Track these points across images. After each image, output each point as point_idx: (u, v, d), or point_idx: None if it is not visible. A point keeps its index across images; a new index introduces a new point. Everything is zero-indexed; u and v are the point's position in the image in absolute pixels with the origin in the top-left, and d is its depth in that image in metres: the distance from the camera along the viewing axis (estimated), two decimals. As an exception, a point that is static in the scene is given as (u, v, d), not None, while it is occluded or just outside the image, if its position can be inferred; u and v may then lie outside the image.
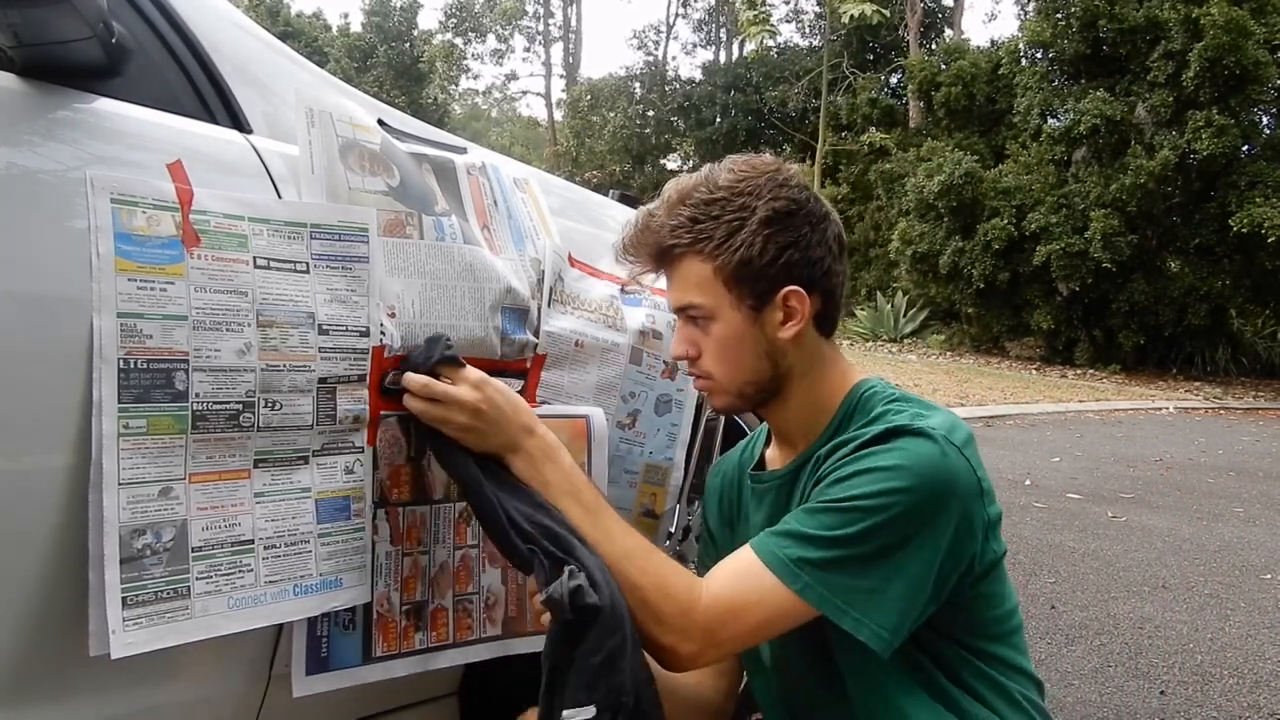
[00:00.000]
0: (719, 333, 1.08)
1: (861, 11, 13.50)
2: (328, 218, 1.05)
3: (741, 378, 1.10)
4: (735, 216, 1.05)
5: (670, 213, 1.08)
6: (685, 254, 1.07)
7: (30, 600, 0.88)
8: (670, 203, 1.09)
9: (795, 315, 1.08)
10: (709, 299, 1.07)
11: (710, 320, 1.08)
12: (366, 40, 31.95)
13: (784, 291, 1.07)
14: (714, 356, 1.10)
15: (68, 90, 0.95)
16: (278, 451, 1.00)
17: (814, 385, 1.12)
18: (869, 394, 1.10)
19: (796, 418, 1.13)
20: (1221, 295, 12.24)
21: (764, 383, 1.10)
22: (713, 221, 1.06)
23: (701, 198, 1.07)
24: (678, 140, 26.31)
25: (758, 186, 1.06)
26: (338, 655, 1.09)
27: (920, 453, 0.97)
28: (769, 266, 1.05)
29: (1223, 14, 11.07)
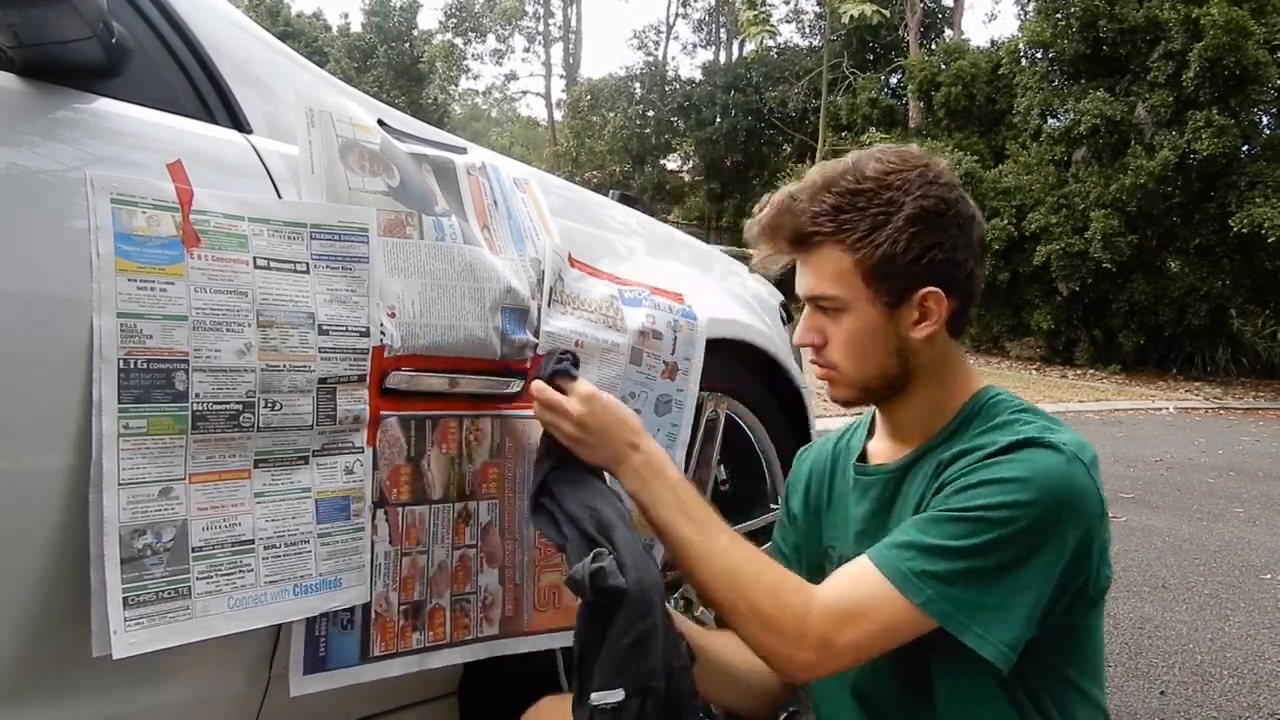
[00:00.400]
0: (850, 326, 1.05)
1: (861, 12, 13.49)
2: (328, 218, 1.05)
3: (868, 373, 1.07)
4: (881, 210, 1.02)
5: (813, 198, 1.04)
6: (825, 242, 1.04)
7: (31, 601, 0.88)
8: (814, 188, 1.05)
9: (931, 316, 1.05)
10: (845, 291, 1.04)
11: (842, 312, 1.05)
12: (366, 40, 31.95)
13: (923, 292, 1.03)
14: (842, 349, 1.07)
15: (68, 90, 0.95)
16: (278, 452, 1.00)
17: (939, 386, 1.09)
18: (994, 401, 1.08)
19: (915, 415, 1.11)
20: (1221, 295, 12.25)
21: (890, 379, 1.08)
22: (858, 213, 1.02)
23: (848, 186, 1.03)
24: (678, 140, 26.31)
25: (907, 181, 1.03)
26: (336, 655, 1.09)
27: (1049, 466, 0.94)
28: (911, 265, 1.02)
29: (1223, 14, 11.07)
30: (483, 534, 1.21)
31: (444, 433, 1.17)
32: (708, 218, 24.99)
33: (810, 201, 1.04)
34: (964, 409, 1.08)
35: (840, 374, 1.09)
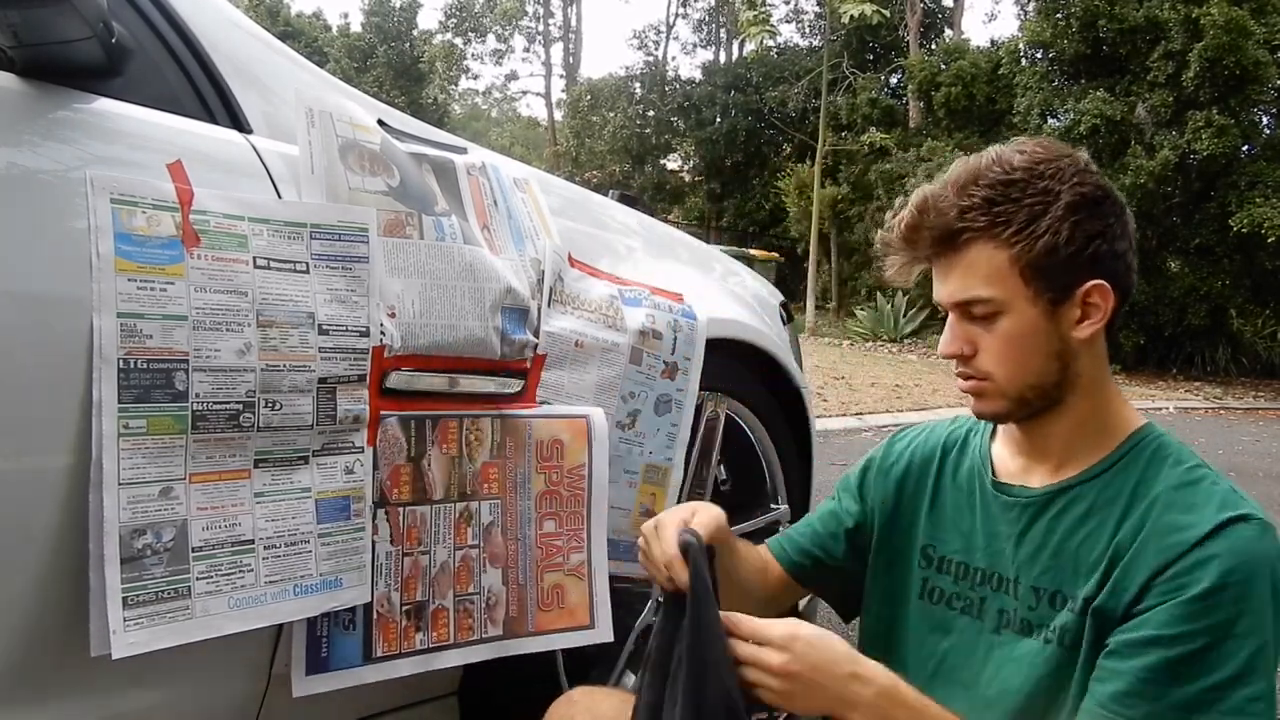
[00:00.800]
0: (1007, 329, 0.96)
1: (861, 11, 13.49)
2: (328, 218, 1.05)
3: (1025, 380, 0.98)
4: (1038, 200, 0.94)
5: (961, 194, 0.96)
6: (976, 240, 0.95)
7: (31, 600, 0.88)
8: (960, 183, 0.96)
9: (1096, 313, 0.96)
10: (1001, 291, 0.95)
11: (998, 315, 0.96)
12: (366, 40, 31.96)
13: (1088, 286, 0.95)
14: (996, 355, 0.98)
15: (68, 90, 0.95)
16: (278, 451, 1.00)
17: (1093, 402, 1.00)
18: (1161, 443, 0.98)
19: (1066, 435, 1.01)
20: (1221, 295, 12.24)
21: (1048, 388, 0.98)
22: (1012, 204, 0.94)
23: (997, 178, 0.95)
24: (678, 140, 26.30)
25: (1060, 169, 0.95)
26: (338, 655, 1.09)
27: (1267, 552, 0.87)
28: (1075, 256, 0.94)
29: (1223, 14, 11.07)
30: (485, 534, 1.21)
31: (444, 433, 1.17)
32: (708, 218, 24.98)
33: (958, 197, 0.96)
34: (1128, 443, 0.99)
35: (993, 384, 0.99)
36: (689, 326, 1.49)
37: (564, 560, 1.28)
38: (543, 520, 1.27)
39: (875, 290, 16.53)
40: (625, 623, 1.58)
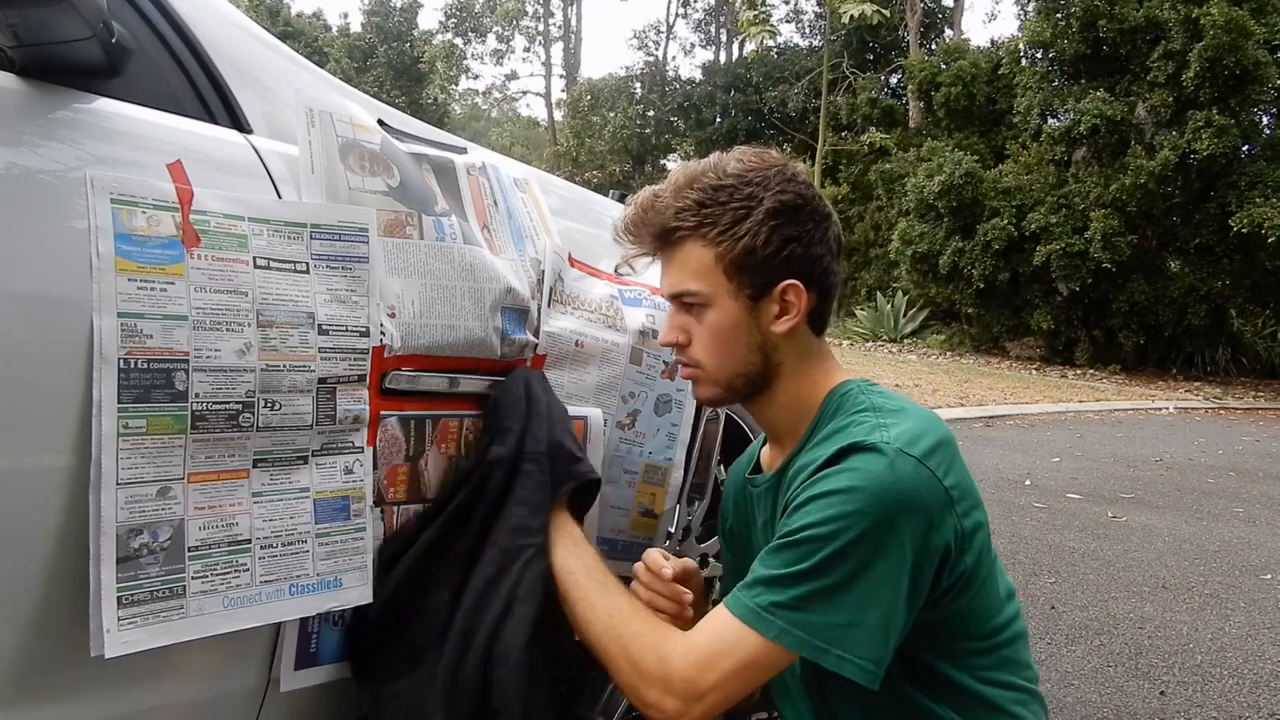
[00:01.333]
0: (713, 321, 1.08)
1: (861, 11, 13.50)
2: (328, 218, 1.05)
3: (731, 369, 1.09)
4: (742, 205, 1.05)
5: (677, 195, 1.07)
6: (688, 238, 1.07)
7: (30, 600, 0.88)
8: (677, 186, 1.08)
9: (791, 309, 1.08)
10: (707, 285, 1.07)
11: (705, 308, 1.08)
12: (366, 40, 31.96)
13: (783, 285, 1.06)
14: (705, 345, 1.09)
15: (68, 90, 0.95)
16: (277, 451, 1.00)
17: (800, 383, 1.11)
18: (844, 396, 1.08)
19: (783, 416, 1.13)
20: (1221, 295, 12.24)
21: (753, 376, 1.10)
22: (719, 207, 1.05)
23: (710, 183, 1.06)
24: (678, 140, 26.31)
25: (766, 178, 1.06)
26: (326, 650, 1.09)
27: (872, 471, 0.94)
28: (771, 258, 1.05)
29: (1223, 14, 11.07)
30: None
31: (444, 433, 1.17)
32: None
33: (674, 198, 1.07)
34: (821, 407, 1.09)
35: (704, 371, 1.10)
36: (689, 326, 1.49)
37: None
38: (542, 520, 1.27)
39: (875, 290, 16.54)
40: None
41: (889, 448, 0.95)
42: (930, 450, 0.97)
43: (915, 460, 0.95)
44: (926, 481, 0.95)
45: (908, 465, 0.94)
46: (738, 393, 1.12)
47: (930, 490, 0.95)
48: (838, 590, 0.92)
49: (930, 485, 0.95)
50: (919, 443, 0.97)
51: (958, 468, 0.99)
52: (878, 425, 0.99)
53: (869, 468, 0.94)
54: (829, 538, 0.93)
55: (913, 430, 0.98)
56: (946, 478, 0.97)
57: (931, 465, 0.96)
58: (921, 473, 0.95)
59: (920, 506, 0.94)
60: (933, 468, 0.96)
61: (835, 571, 0.93)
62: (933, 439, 0.98)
